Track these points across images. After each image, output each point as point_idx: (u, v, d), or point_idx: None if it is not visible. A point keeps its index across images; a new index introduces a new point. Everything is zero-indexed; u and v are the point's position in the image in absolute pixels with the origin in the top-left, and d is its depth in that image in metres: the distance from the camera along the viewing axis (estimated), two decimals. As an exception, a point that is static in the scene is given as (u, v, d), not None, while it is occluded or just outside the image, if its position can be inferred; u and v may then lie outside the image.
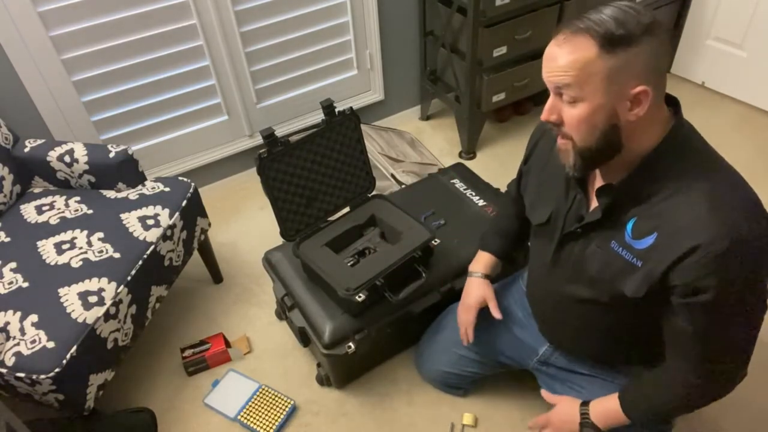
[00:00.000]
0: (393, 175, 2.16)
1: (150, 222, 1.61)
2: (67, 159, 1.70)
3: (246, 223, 2.26)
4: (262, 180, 1.48)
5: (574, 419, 1.16)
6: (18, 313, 1.38)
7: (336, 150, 1.58)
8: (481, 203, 1.79)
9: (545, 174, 1.19)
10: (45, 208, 1.68)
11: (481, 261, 1.44)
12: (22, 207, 1.70)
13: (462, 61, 2.23)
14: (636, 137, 0.92)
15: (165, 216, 1.64)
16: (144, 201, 1.68)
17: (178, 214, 1.67)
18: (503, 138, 2.58)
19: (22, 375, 1.30)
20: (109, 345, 1.44)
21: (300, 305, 1.57)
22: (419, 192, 1.88)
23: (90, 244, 1.55)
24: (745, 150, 2.35)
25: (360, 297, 1.43)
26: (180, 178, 1.78)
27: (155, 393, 1.70)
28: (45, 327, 1.35)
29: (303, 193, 1.56)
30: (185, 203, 1.70)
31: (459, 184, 1.87)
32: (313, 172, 1.56)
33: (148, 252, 1.56)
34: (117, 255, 1.52)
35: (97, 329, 1.40)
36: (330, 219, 1.64)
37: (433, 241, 1.53)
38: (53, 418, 1.50)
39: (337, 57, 2.36)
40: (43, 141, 1.75)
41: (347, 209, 1.67)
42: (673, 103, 0.96)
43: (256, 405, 1.62)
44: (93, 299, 1.41)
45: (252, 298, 1.96)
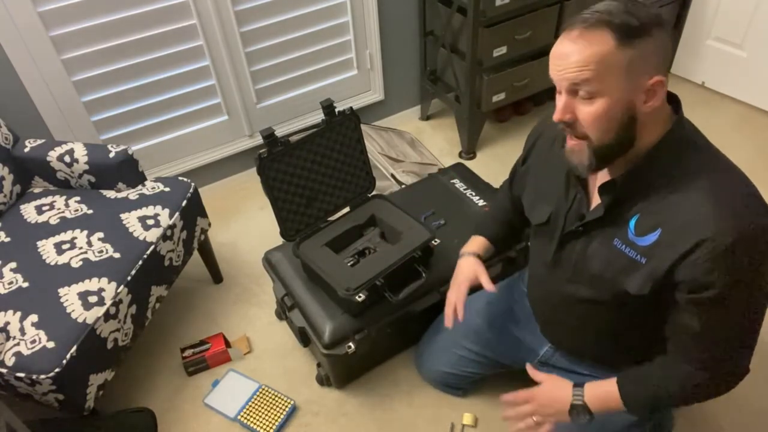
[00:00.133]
0: (393, 175, 2.16)
1: (150, 222, 1.61)
2: (67, 159, 1.70)
3: (246, 223, 2.26)
4: (262, 180, 1.48)
5: (564, 399, 1.10)
6: (18, 313, 1.38)
7: (336, 150, 1.58)
8: (481, 203, 1.79)
9: (544, 174, 1.18)
10: (45, 208, 1.68)
11: (473, 243, 1.42)
12: (22, 207, 1.70)
13: (462, 61, 2.23)
14: (645, 132, 0.92)
15: (165, 216, 1.64)
16: (144, 201, 1.68)
17: (178, 214, 1.67)
18: (503, 138, 2.58)
19: (22, 375, 1.30)
20: (109, 345, 1.44)
21: (300, 305, 1.57)
22: (419, 192, 1.88)
23: (90, 244, 1.55)
24: (745, 150, 2.35)
25: (360, 297, 1.43)
26: (180, 178, 1.78)
27: (155, 393, 1.70)
28: (45, 327, 1.35)
29: (303, 193, 1.56)
30: (185, 203, 1.70)
31: (459, 184, 1.87)
32: (313, 172, 1.56)
33: (148, 252, 1.56)
34: (117, 255, 1.52)
35: (97, 329, 1.40)
36: (330, 219, 1.64)
37: (433, 241, 1.53)
38: (53, 418, 1.50)
39: (337, 57, 2.36)
40: (43, 141, 1.75)
41: (347, 209, 1.67)
42: (674, 101, 0.96)
43: (256, 405, 1.62)
44: (93, 299, 1.41)
45: (252, 298, 1.96)
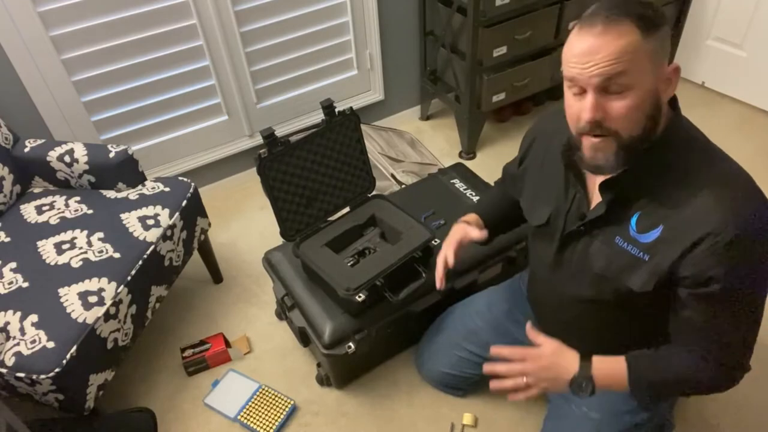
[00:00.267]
0: (393, 175, 2.16)
1: (150, 222, 1.61)
2: (67, 159, 1.70)
3: (246, 223, 2.26)
4: (262, 180, 1.48)
5: (568, 368, 1.03)
6: (18, 313, 1.38)
7: (336, 150, 1.58)
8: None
9: (542, 175, 1.18)
10: (45, 208, 1.68)
11: (465, 216, 1.40)
12: (22, 207, 1.70)
13: (462, 61, 2.23)
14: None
15: (165, 216, 1.64)
16: (144, 201, 1.68)
17: (178, 214, 1.67)
18: (503, 138, 2.58)
19: (22, 375, 1.30)
20: (109, 345, 1.44)
21: (300, 305, 1.57)
22: (419, 192, 1.88)
23: (90, 244, 1.55)
24: (745, 150, 2.35)
25: (360, 297, 1.43)
26: (180, 178, 1.78)
27: (155, 393, 1.70)
28: (45, 327, 1.35)
29: (303, 193, 1.56)
30: (185, 203, 1.70)
31: (459, 184, 1.87)
32: (313, 172, 1.56)
33: (148, 252, 1.56)
34: (117, 255, 1.52)
35: (97, 329, 1.40)
36: (330, 219, 1.64)
37: (433, 241, 1.53)
38: (53, 418, 1.50)
39: (337, 57, 2.36)
40: (43, 141, 1.75)
41: (347, 209, 1.67)
42: (670, 99, 0.97)
43: (256, 405, 1.62)
44: (93, 299, 1.41)
45: (252, 298, 1.96)
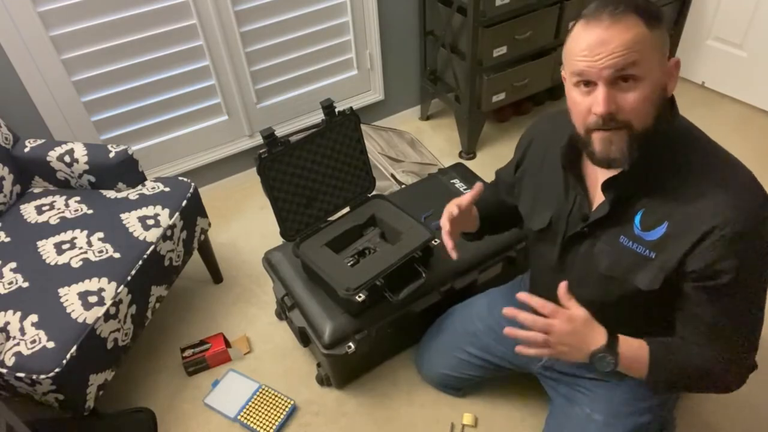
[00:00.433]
0: (393, 175, 2.16)
1: (150, 222, 1.61)
2: (67, 159, 1.70)
3: (246, 223, 2.26)
4: (262, 180, 1.48)
5: (595, 340, 0.99)
6: (18, 313, 1.38)
7: (336, 150, 1.58)
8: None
9: (540, 178, 1.18)
10: (45, 208, 1.68)
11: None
12: (22, 207, 1.70)
13: (462, 61, 2.23)
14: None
15: (165, 216, 1.64)
16: (144, 201, 1.68)
17: (178, 214, 1.67)
18: (503, 138, 2.58)
19: (22, 375, 1.30)
20: (109, 345, 1.44)
21: (300, 305, 1.57)
22: (419, 192, 1.88)
23: (90, 244, 1.55)
24: (745, 150, 2.35)
25: (360, 297, 1.43)
26: (180, 178, 1.78)
27: (155, 393, 1.70)
28: (45, 327, 1.35)
29: (303, 193, 1.56)
30: (185, 203, 1.70)
31: (459, 184, 1.87)
32: (313, 172, 1.56)
33: (148, 252, 1.56)
34: (117, 255, 1.52)
35: (97, 329, 1.40)
36: (330, 219, 1.64)
37: (433, 241, 1.53)
38: (53, 418, 1.51)
39: (337, 57, 2.36)
40: (43, 141, 1.75)
41: (347, 209, 1.67)
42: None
43: (256, 405, 1.62)
44: (93, 299, 1.41)
45: (252, 298, 1.96)
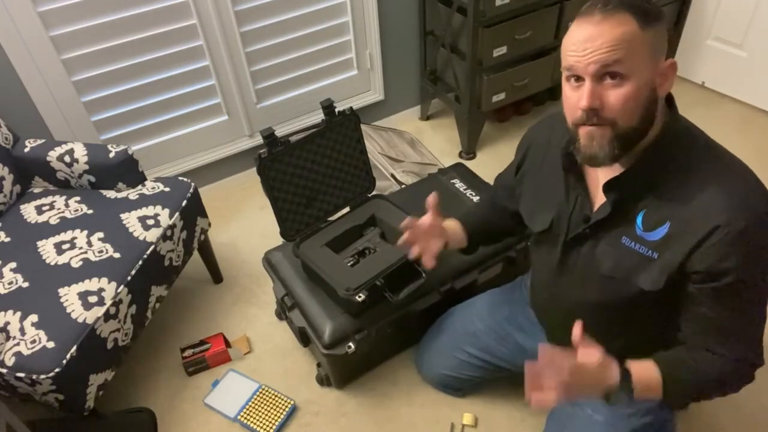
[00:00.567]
0: (393, 175, 2.15)
1: (150, 222, 1.61)
2: (67, 159, 1.70)
3: (246, 223, 2.26)
4: (262, 180, 1.48)
5: (609, 379, 0.96)
6: (18, 313, 1.38)
7: (336, 150, 1.58)
8: (479, 201, 1.79)
9: (541, 180, 1.18)
10: (45, 208, 1.68)
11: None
12: (22, 207, 1.70)
13: (462, 61, 2.23)
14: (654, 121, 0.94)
15: (165, 216, 1.64)
16: (144, 201, 1.68)
17: (178, 214, 1.67)
18: (503, 138, 2.58)
19: (22, 375, 1.30)
20: (109, 345, 1.44)
21: (300, 305, 1.57)
22: (419, 192, 1.88)
23: (90, 244, 1.55)
24: (745, 150, 2.33)
25: (360, 297, 1.43)
26: (180, 178, 1.78)
27: (155, 393, 1.70)
28: (45, 327, 1.35)
29: (303, 193, 1.56)
30: (185, 203, 1.70)
31: (459, 184, 1.87)
32: (313, 172, 1.56)
33: (148, 252, 1.56)
34: (117, 255, 1.52)
35: (97, 329, 1.40)
36: (330, 219, 1.64)
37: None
38: (53, 418, 1.51)
39: (337, 57, 2.36)
40: (43, 141, 1.75)
41: (347, 209, 1.67)
42: (667, 97, 0.97)
43: (256, 405, 1.62)
44: (93, 299, 1.41)
45: (252, 298, 1.96)
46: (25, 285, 1.45)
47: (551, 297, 1.22)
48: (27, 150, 1.73)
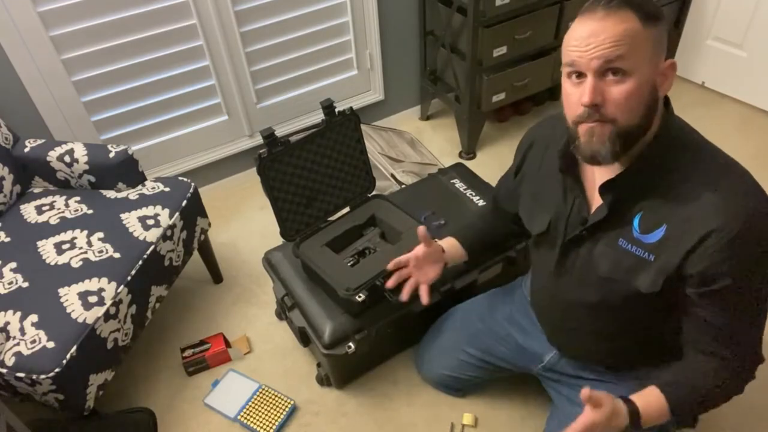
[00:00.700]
0: (393, 175, 2.16)
1: (150, 222, 1.61)
2: (67, 159, 1.70)
3: (246, 223, 2.26)
4: (262, 180, 1.48)
5: (619, 423, 0.98)
6: (18, 313, 1.38)
7: (336, 150, 1.58)
8: (481, 203, 1.79)
9: (539, 182, 1.17)
10: (45, 208, 1.68)
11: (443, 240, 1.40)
12: (22, 207, 1.70)
13: (462, 61, 2.23)
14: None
15: (165, 216, 1.64)
16: (144, 201, 1.68)
17: (178, 214, 1.67)
18: (503, 138, 2.58)
19: (22, 375, 1.30)
20: (109, 345, 1.44)
21: (300, 305, 1.57)
22: (419, 192, 1.88)
23: (90, 244, 1.55)
24: (745, 150, 2.35)
25: (360, 297, 1.43)
26: (180, 178, 1.78)
27: (155, 393, 1.70)
28: (45, 327, 1.35)
29: (303, 193, 1.56)
30: (185, 203, 1.70)
31: (459, 184, 1.87)
32: (313, 172, 1.56)
33: (148, 252, 1.56)
34: (117, 255, 1.52)
35: (97, 329, 1.40)
36: (330, 219, 1.64)
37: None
38: (53, 418, 1.51)
39: (337, 57, 2.36)
40: (43, 141, 1.75)
41: (347, 209, 1.67)
42: (664, 99, 0.97)
43: (256, 405, 1.62)
44: (93, 299, 1.41)
45: (252, 298, 1.96)
46: (25, 285, 1.45)
47: (551, 298, 1.22)
48: (27, 150, 1.73)
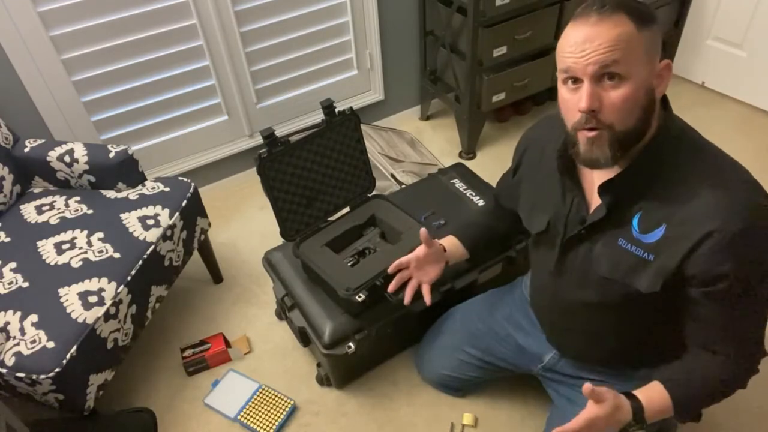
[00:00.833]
0: (393, 175, 2.16)
1: (150, 222, 1.61)
2: (67, 159, 1.70)
3: (246, 223, 2.26)
4: (262, 180, 1.48)
5: (622, 417, 0.98)
6: (18, 313, 1.38)
7: (336, 150, 1.58)
8: (481, 203, 1.79)
9: (538, 182, 1.18)
10: (45, 208, 1.68)
11: (444, 239, 1.39)
12: (22, 207, 1.70)
13: (462, 61, 2.23)
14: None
15: (165, 216, 1.64)
16: (144, 201, 1.68)
17: (178, 214, 1.67)
18: (503, 138, 2.58)
19: (22, 375, 1.30)
20: (109, 345, 1.44)
21: (300, 305, 1.57)
22: (419, 192, 1.88)
23: (90, 244, 1.55)
24: (745, 150, 2.35)
25: (360, 297, 1.43)
26: (180, 178, 1.78)
27: (155, 393, 1.70)
28: (45, 327, 1.35)
29: (303, 193, 1.56)
30: (185, 203, 1.70)
31: (459, 184, 1.87)
32: (313, 172, 1.56)
33: (148, 252, 1.56)
34: (117, 255, 1.52)
35: (97, 329, 1.40)
36: (330, 219, 1.64)
37: (433, 241, 1.52)
38: (53, 418, 1.51)
39: (337, 57, 2.36)
40: (43, 141, 1.75)
41: (347, 209, 1.67)
42: (662, 99, 0.97)
43: (256, 405, 1.62)
44: (93, 299, 1.41)
45: (252, 298, 1.96)
46: (25, 285, 1.45)
47: (550, 297, 1.22)
48: (27, 150, 1.73)
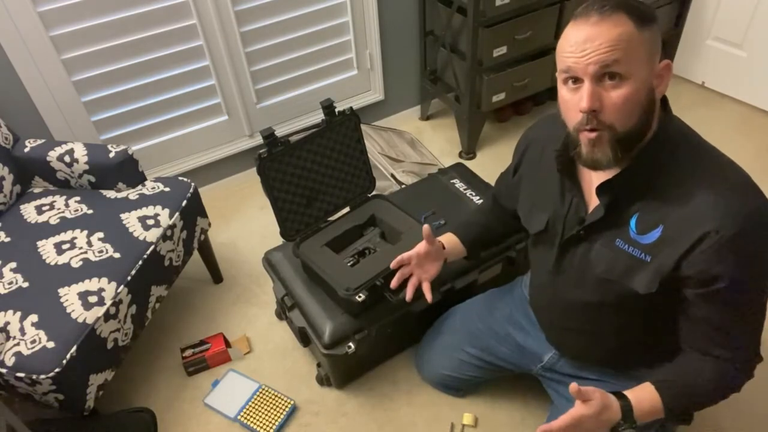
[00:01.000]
0: (393, 175, 2.16)
1: (150, 222, 1.61)
2: (67, 159, 1.70)
3: (246, 223, 2.26)
4: (262, 180, 1.48)
5: (612, 417, 0.97)
6: (18, 313, 1.38)
7: (336, 150, 1.59)
8: (481, 203, 1.79)
9: (537, 182, 1.18)
10: (45, 208, 1.68)
11: (442, 236, 1.39)
12: (22, 207, 1.70)
13: (462, 61, 2.23)
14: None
15: (165, 216, 1.64)
16: (144, 201, 1.68)
17: (178, 214, 1.67)
18: (503, 138, 2.58)
19: (22, 375, 1.30)
20: (109, 345, 1.44)
21: (300, 305, 1.57)
22: (419, 192, 1.88)
23: (90, 244, 1.55)
24: (746, 150, 2.35)
25: (360, 297, 1.43)
26: (180, 178, 1.78)
27: (155, 393, 1.70)
28: (45, 327, 1.35)
29: (303, 193, 1.56)
30: (185, 203, 1.70)
31: (459, 184, 1.87)
32: (313, 172, 1.56)
33: (148, 252, 1.56)
34: (117, 255, 1.52)
35: (97, 329, 1.40)
36: (330, 219, 1.64)
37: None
38: (53, 418, 1.50)
39: (337, 57, 2.36)
40: (43, 141, 1.75)
41: (347, 209, 1.67)
42: (662, 99, 0.97)
43: (256, 405, 1.62)
44: (93, 299, 1.41)
45: (252, 298, 1.96)
46: (25, 285, 1.45)
47: (550, 297, 1.22)
48: (27, 150, 1.73)
